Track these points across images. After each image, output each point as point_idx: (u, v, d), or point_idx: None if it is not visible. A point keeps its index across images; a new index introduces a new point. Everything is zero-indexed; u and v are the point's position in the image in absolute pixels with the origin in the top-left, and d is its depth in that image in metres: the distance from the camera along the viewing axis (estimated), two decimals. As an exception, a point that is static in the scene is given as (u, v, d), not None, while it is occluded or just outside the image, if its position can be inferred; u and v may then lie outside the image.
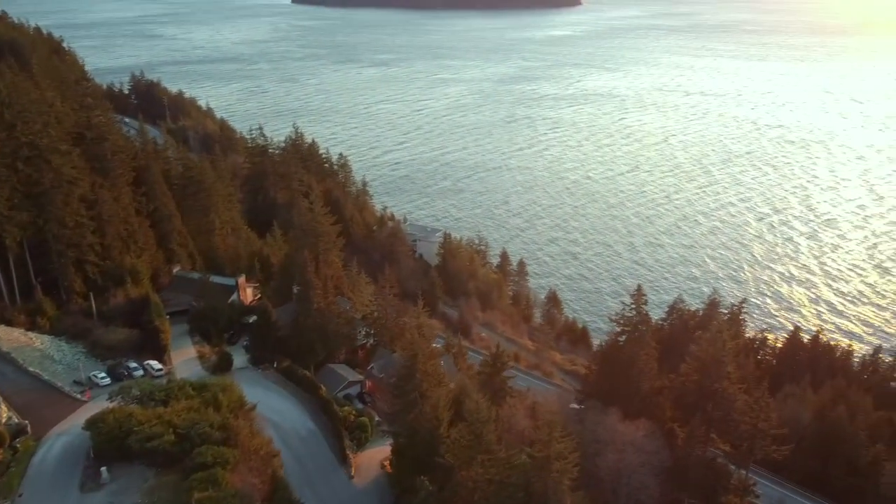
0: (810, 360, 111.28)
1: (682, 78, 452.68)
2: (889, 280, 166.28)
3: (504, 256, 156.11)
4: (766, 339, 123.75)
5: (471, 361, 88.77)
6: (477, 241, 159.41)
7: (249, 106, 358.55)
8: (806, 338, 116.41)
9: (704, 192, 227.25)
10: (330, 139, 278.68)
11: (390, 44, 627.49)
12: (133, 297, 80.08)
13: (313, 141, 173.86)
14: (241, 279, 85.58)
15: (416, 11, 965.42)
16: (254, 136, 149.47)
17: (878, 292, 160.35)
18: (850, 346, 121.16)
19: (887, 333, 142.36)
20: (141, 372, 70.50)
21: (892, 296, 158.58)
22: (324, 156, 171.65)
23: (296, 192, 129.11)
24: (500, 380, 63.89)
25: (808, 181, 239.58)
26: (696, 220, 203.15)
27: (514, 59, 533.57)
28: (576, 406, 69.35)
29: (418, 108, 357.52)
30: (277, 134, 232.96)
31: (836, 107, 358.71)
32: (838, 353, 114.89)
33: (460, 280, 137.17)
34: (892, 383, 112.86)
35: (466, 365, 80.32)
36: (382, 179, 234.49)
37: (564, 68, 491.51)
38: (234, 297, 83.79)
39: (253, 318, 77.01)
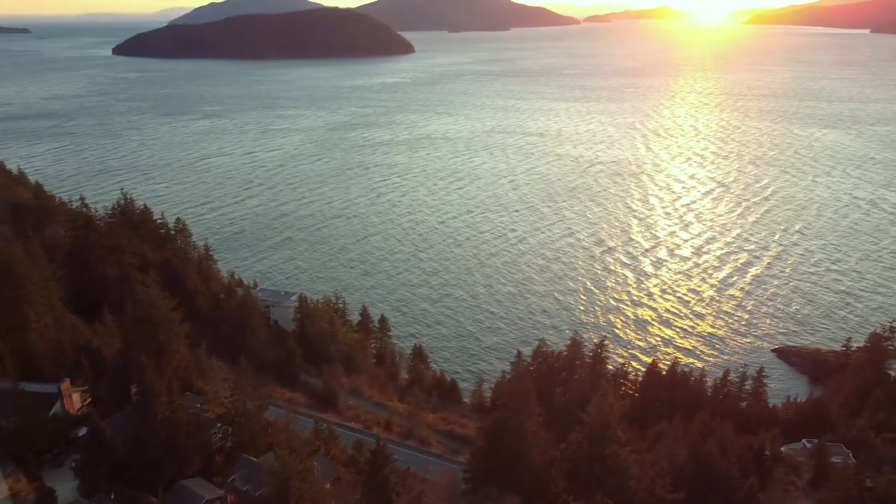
0: (669, 389, 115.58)
1: (511, 120, 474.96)
2: (721, 301, 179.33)
3: (364, 313, 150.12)
4: (627, 372, 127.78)
5: (344, 439, 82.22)
6: (335, 300, 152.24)
7: (68, 166, 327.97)
8: (664, 368, 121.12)
9: (538, 229, 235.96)
10: (163, 200, 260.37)
11: (219, 95, 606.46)
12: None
13: (145, 206, 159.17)
14: (66, 384, 72.63)
15: (244, 61, 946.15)
16: (76, 205, 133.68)
17: (714, 314, 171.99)
18: (702, 370, 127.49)
19: (729, 353, 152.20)
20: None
21: (726, 316, 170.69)
22: (158, 221, 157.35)
23: (129, 267, 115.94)
24: (382, 477, 57.96)
25: (632, 212, 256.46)
26: (537, 257, 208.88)
27: (349, 107, 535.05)
28: (465, 487, 65.03)
29: (254, 161, 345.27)
30: (104, 197, 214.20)
31: (645, 142, 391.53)
32: (692, 380, 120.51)
33: (321, 345, 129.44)
34: (742, 404, 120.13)
35: (341, 449, 73.50)
36: (225, 240, 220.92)
37: (400, 114, 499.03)
38: (56, 407, 70.39)
39: (83, 431, 65.24)
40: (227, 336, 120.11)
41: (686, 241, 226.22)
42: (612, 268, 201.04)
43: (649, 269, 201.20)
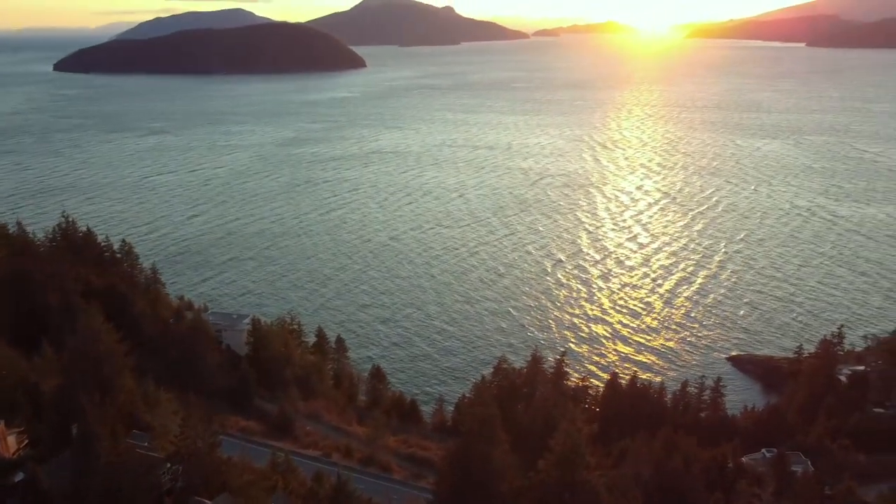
0: (631, 403, 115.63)
1: (462, 133, 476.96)
2: (674, 311, 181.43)
3: (320, 334, 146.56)
4: (587, 387, 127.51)
5: (303, 469, 79.02)
6: (289, 321, 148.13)
7: (5, 187, 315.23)
8: (624, 382, 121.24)
9: (490, 243, 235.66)
10: (107, 221, 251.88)
11: (166, 111, 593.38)
12: None
13: (88, 228, 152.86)
14: (0, 425, 67.90)
15: (193, 77, 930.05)
16: (13, 229, 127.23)
17: (669, 324, 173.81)
18: (661, 382, 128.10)
19: (686, 364, 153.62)
20: None
21: (680, 326, 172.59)
22: (103, 244, 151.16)
23: (71, 294, 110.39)
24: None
25: (582, 224, 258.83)
26: (489, 272, 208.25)
27: (299, 122, 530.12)
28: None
29: (202, 178, 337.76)
30: (43, 220, 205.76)
31: (593, 154, 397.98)
32: (652, 392, 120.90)
33: (276, 368, 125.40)
34: (702, 414, 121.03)
35: (300, 481, 70.38)
36: (174, 261, 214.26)
37: (350, 129, 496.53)
38: (-10, 450, 65.93)
39: (20, 477, 60.71)
40: (177, 363, 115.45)
41: (636, 251, 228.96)
42: (564, 281, 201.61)
43: (602, 281, 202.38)
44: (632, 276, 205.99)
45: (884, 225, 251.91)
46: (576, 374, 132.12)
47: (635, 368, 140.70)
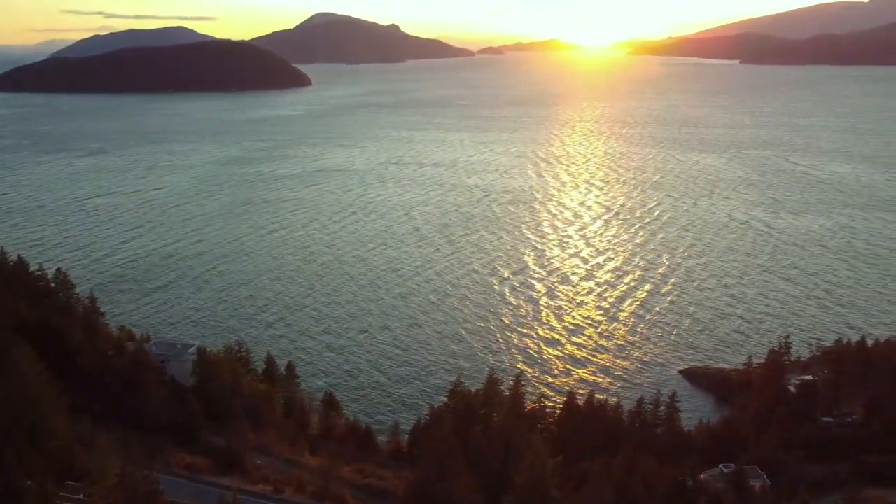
0: (588, 423, 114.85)
1: (408, 151, 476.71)
2: (625, 326, 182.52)
3: (269, 361, 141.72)
4: (545, 407, 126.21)
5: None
6: (237, 348, 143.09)
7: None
8: (581, 401, 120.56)
9: (436, 262, 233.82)
10: (41, 248, 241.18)
11: (105, 131, 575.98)
12: None
13: (19, 257, 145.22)
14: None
15: (133, 95, 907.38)
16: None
17: (620, 339, 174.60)
18: (617, 400, 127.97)
19: (640, 379, 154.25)
20: None
21: (630, 342, 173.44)
22: (36, 273, 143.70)
23: (1, 331, 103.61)
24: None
25: (528, 241, 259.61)
26: (437, 292, 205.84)
27: (243, 141, 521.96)
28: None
29: (142, 200, 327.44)
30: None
31: (538, 170, 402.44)
32: (609, 410, 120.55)
33: (224, 400, 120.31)
34: (658, 430, 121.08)
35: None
36: (114, 289, 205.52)
37: (295, 148, 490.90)
38: None
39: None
40: (118, 398, 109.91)
41: (581, 267, 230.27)
42: (513, 300, 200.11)
43: (550, 298, 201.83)
44: (579, 293, 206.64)
45: (817, 235, 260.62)
46: (532, 395, 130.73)
47: (590, 387, 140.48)
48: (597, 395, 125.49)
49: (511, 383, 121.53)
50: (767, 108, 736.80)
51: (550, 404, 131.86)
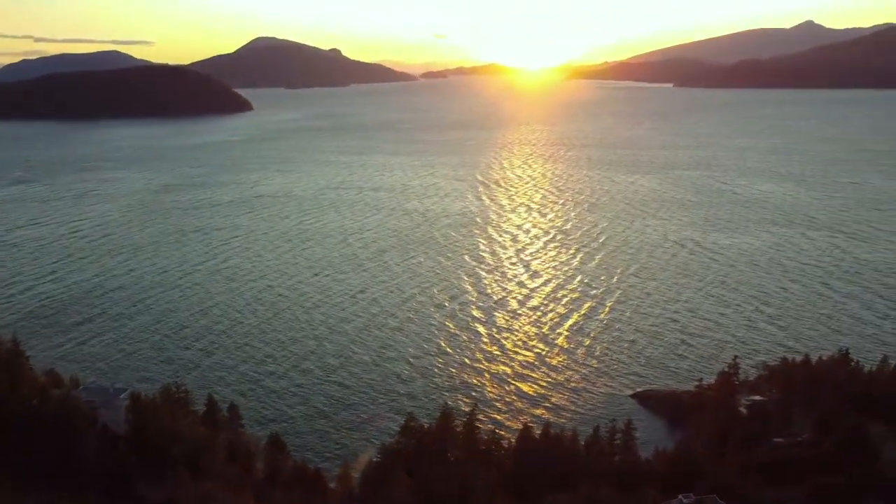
0: (545, 454, 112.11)
1: (353, 175, 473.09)
2: (574, 351, 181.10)
3: (210, 402, 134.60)
4: (500, 440, 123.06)
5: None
6: (175, 389, 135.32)
7: None
8: (536, 432, 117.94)
9: (389, 289, 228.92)
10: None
11: (32, 159, 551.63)
12: None
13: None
14: None
15: (65, 122, 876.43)
16: None
17: (571, 365, 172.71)
18: (573, 428, 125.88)
19: (593, 406, 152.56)
20: None
21: (581, 366, 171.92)
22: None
23: None
24: None
25: (478, 265, 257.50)
26: (388, 319, 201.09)
27: (182, 167, 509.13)
28: None
29: (70, 230, 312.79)
30: None
31: (485, 193, 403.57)
32: (566, 440, 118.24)
33: (161, 447, 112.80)
34: (616, 458, 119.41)
35: None
36: (39, 328, 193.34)
37: (236, 173, 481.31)
38: None
39: None
40: (44, 451, 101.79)
41: (524, 291, 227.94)
42: (457, 330, 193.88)
43: (494, 326, 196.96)
44: (522, 319, 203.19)
45: (748, 253, 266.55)
46: (484, 430, 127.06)
47: (545, 416, 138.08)
48: (552, 424, 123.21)
49: (465, 418, 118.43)
50: (699, 129, 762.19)
51: (506, 435, 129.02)
